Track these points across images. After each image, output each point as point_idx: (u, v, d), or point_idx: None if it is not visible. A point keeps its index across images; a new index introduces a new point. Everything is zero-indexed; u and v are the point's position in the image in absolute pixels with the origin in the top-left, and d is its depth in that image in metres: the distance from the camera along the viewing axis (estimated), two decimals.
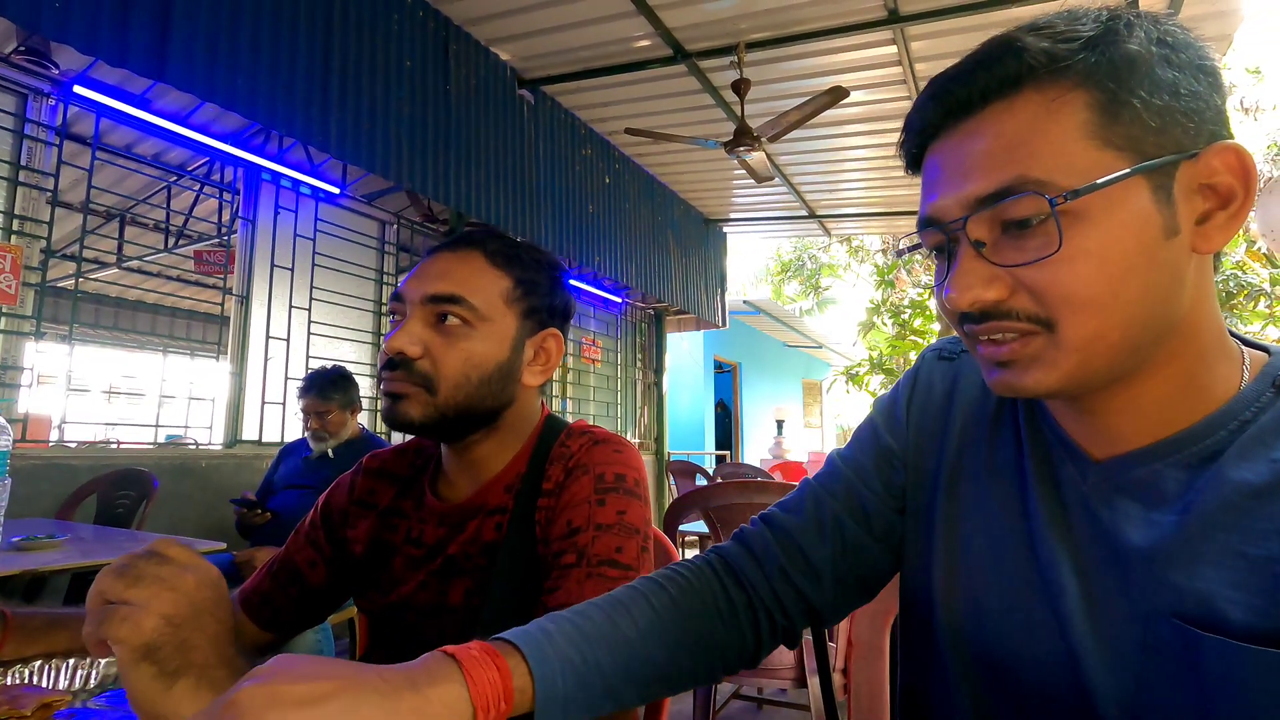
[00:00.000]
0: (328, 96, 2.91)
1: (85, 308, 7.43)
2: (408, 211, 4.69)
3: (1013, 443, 0.54)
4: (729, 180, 5.64)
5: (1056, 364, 0.43)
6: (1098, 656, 0.45)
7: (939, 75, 0.46)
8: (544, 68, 4.01)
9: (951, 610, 0.53)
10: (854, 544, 0.59)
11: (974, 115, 0.44)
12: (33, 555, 1.53)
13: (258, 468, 3.35)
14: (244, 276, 3.67)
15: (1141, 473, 0.45)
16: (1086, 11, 0.43)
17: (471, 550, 0.76)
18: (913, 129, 0.48)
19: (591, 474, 0.75)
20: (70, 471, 2.75)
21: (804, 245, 16.59)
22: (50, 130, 2.95)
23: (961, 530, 0.54)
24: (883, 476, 0.60)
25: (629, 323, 6.66)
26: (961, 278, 0.44)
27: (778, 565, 0.59)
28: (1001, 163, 0.42)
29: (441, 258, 0.78)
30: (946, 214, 0.45)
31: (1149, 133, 0.41)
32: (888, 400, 0.63)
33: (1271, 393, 0.44)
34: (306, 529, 0.87)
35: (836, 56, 3.84)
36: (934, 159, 0.46)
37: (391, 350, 0.73)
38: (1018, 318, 0.43)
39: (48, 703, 0.55)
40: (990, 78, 0.43)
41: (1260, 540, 0.40)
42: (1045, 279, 0.42)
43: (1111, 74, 0.41)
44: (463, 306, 0.74)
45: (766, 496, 1.91)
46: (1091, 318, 0.41)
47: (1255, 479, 0.41)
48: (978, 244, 0.44)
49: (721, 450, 9.73)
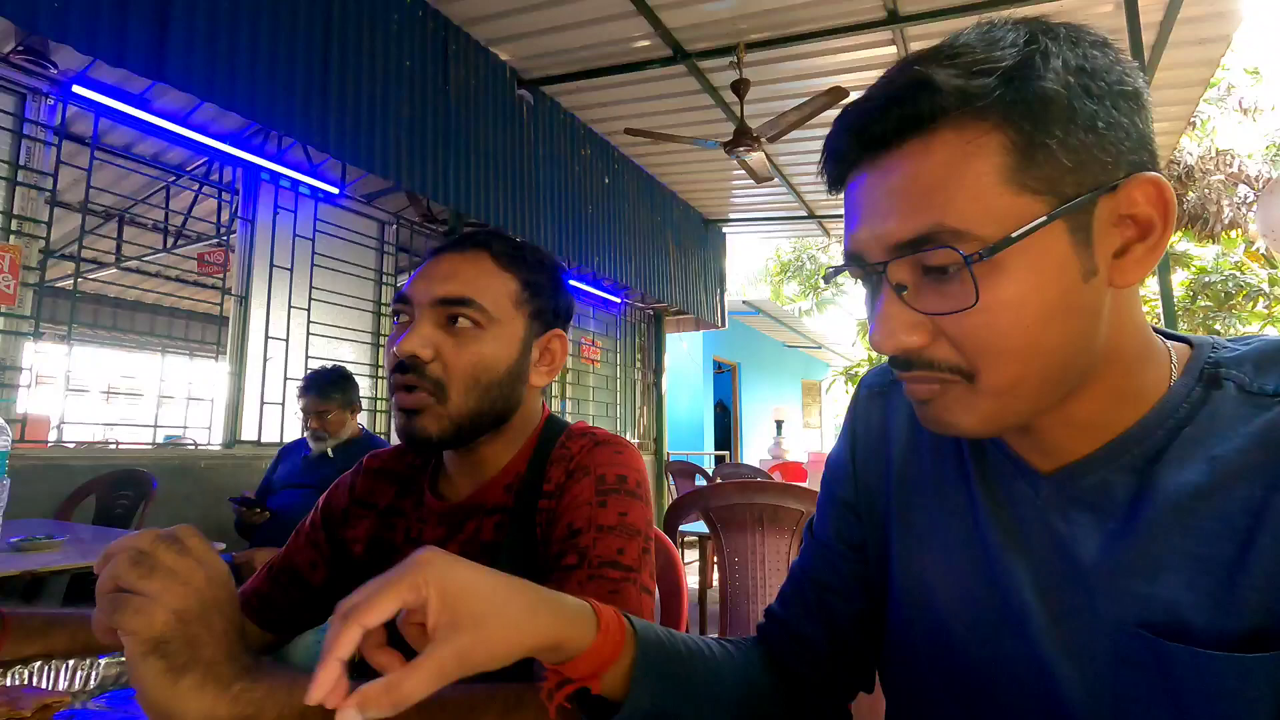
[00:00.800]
0: (327, 96, 2.90)
1: (84, 308, 7.42)
2: (407, 212, 4.69)
3: (956, 466, 0.53)
4: (728, 180, 5.64)
5: (975, 408, 0.43)
6: (1072, 675, 0.44)
7: (852, 105, 0.44)
8: (543, 68, 4.01)
9: (921, 644, 0.53)
10: (843, 615, 0.60)
11: (889, 152, 0.42)
12: (32, 556, 1.52)
13: (257, 468, 3.35)
14: (243, 277, 3.67)
15: (1091, 481, 0.45)
16: (1004, 34, 0.41)
17: (470, 550, 0.76)
18: (831, 158, 0.46)
19: (593, 476, 0.75)
20: (69, 472, 2.75)
21: (803, 245, 16.62)
22: (49, 130, 2.95)
23: (919, 563, 0.54)
24: (845, 535, 0.61)
25: (628, 323, 6.66)
26: (884, 323, 0.43)
27: (787, 649, 0.62)
28: (918, 208, 0.41)
29: (448, 259, 0.77)
30: (869, 252, 0.44)
31: (1066, 172, 0.40)
32: (835, 454, 0.64)
33: (1200, 388, 0.44)
34: (307, 530, 0.87)
35: (836, 57, 3.84)
36: (854, 187, 0.45)
37: (403, 353, 0.72)
38: (937, 367, 0.43)
39: (47, 704, 0.55)
40: (904, 115, 0.41)
41: (1210, 541, 0.40)
42: (963, 330, 0.41)
43: (1027, 115, 0.39)
44: (474, 309, 0.74)
45: (766, 496, 1.92)
46: (1010, 366, 0.41)
47: (1197, 478, 0.41)
48: (899, 287, 0.43)
49: (721, 451, 9.73)
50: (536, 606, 0.44)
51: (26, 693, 0.56)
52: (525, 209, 4.04)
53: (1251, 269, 8.39)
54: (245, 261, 3.68)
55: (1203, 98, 4.61)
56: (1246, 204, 10.58)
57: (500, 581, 0.43)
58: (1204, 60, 3.86)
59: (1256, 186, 10.52)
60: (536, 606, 0.44)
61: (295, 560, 0.85)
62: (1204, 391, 0.44)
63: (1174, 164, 10.30)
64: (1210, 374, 0.45)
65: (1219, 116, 12.20)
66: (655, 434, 6.76)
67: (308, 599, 0.84)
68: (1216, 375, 0.44)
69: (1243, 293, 8.23)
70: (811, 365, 14.12)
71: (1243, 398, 0.43)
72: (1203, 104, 7.62)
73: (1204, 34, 3.59)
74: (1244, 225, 10.12)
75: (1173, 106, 4.26)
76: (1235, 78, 12.32)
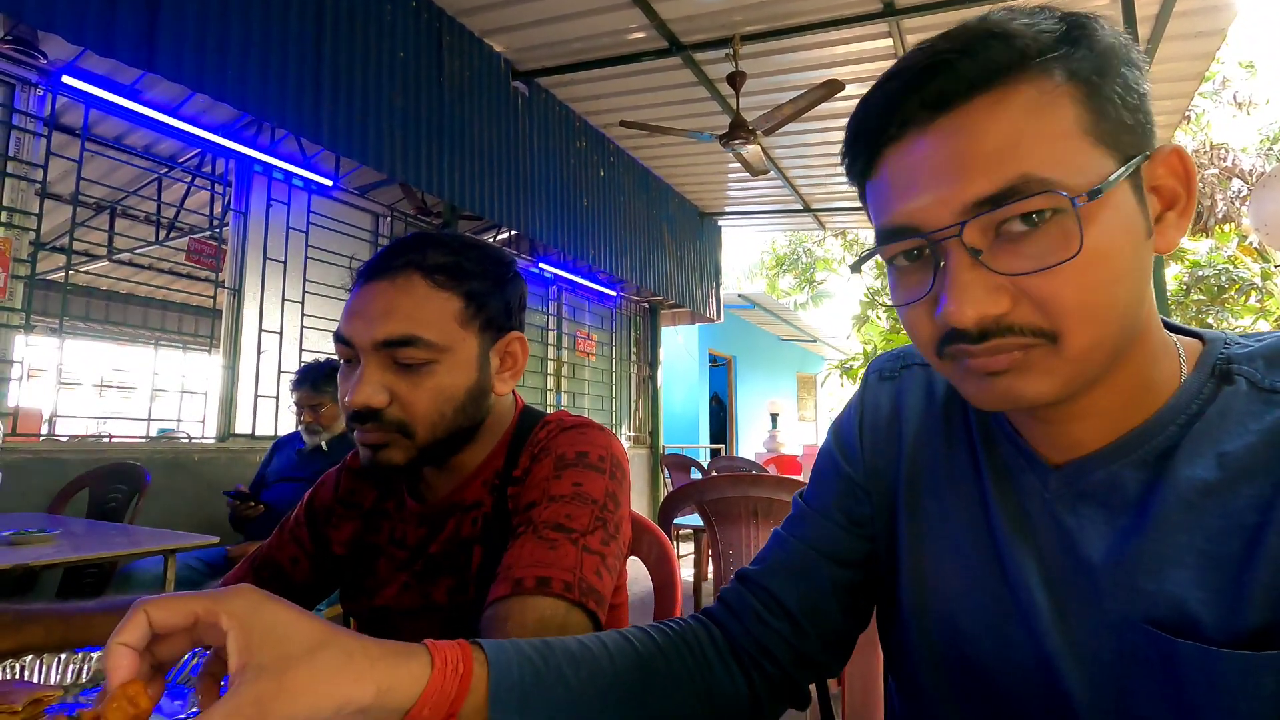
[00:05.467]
0: (320, 87, 2.88)
1: (75, 301, 7.36)
2: (401, 204, 4.66)
3: (968, 455, 0.53)
4: (724, 173, 5.62)
5: (1057, 372, 0.41)
6: (1076, 670, 0.44)
7: (904, 66, 0.42)
8: (538, 59, 3.99)
9: (927, 633, 0.52)
10: (826, 580, 0.57)
11: (952, 112, 0.40)
12: (25, 550, 1.52)
13: (251, 461, 3.34)
14: (236, 269, 3.65)
15: (1101, 476, 0.45)
16: (1043, 9, 0.42)
17: (451, 548, 0.76)
18: (869, 127, 0.43)
19: (553, 455, 0.74)
20: (61, 466, 2.73)
21: (799, 239, 16.60)
22: (39, 121, 2.92)
23: (927, 551, 0.53)
24: (845, 508, 0.59)
25: (623, 316, 6.65)
26: (964, 291, 0.40)
27: (751, 610, 0.57)
28: (1000, 161, 0.39)
29: (379, 291, 0.71)
30: (931, 219, 0.41)
31: (1124, 130, 0.40)
32: (840, 429, 0.62)
33: (1212, 384, 0.44)
34: (291, 525, 0.87)
35: (832, 49, 3.83)
36: (903, 160, 0.42)
37: (355, 405, 0.68)
38: (1020, 332, 0.40)
39: (38, 698, 0.55)
40: (976, 68, 0.39)
41: (1219, 538, 0.40)
42: (1053, 287, 0.39)
43: (1095, 67, 0.40)
44: (419, 346, 0.69)
45: (760, 490, 1.92)
46: (1094, 324, 0.40)
47: (1207, 475, 0.41)
48: (974, 251, 0.40)
49: (716, 444, 9.75)
50: (353, 653, 0.39)
51: (18, 687, 0.56)
52: (520, 202, 4.02)
53: (1244, 263, 8.44)
54: (238, 254, 3.66)
55: (1197, 91, 4.62)
56: (1240, 198, 10.62)
57: (316, 626, 0.39)
58: (1199, 54, 3.86)
59: (1250, 181, 10.56)
60: (353, 653, 0.39)
61: (277, 555, 0.86)
62: (1215, 387, 0.44)
63: None
64: (1222, 370, 0.44)
65: (1213, 110, 12.23)
66: (651, 427, 6.77)
67: (288, 592, 0.84)
68: (1229, 371, 0.44)
69: (1235, 286, 8.27)
70: (807, 359, 14.14)
71: (1254, 394, 0.43)
72: (1197, 98, 7.62)
73: (1199, 27, 3.59)
74: (1237, 219, 10.16)
75: (1168, 100, 4.26)
76: (1230, 71, 12.34)
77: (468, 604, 0.72)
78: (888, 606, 0.57)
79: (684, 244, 6.10)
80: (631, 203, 5.26)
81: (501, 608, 0.63)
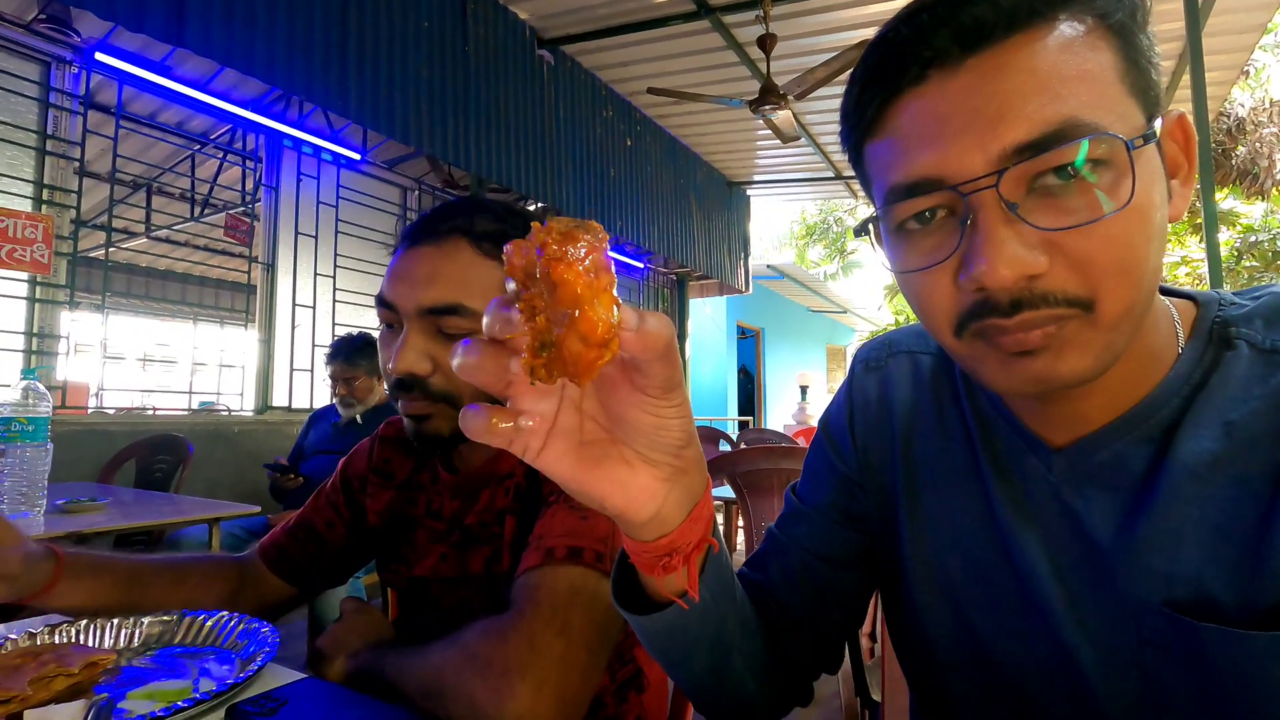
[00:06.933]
0: (345, 60, 2.87)
1: (116, 277, 7.57)
2: (428, 177, 4.66)
3: (964, 445, 0.50)
4: (753, 141, 5.51)
5: (1093, 345, 0.37)
6: (1095, 658, 0.42)
7: (930, 1, 0.38)
8: (563, 26, 3.92)
9: (941, 629, 0.50)
10: (824, 587, 0.55)
11: (990, 47, 0.36)
12: (77, 518, 1.57)
13: (288, 433, 3.42)
14: (269, 244, 3.70)
15: (1105, 455, 0.43)
16: None
17: (487, 518, 0.76)
18: (888, 69, 0.39)
19: None
20: (109, 437, 2.83)
21: (829, 207, 16.29)
22: (74, 99, 2.96)
23: (932, 545, 0.51)
24: (841, 505, 0.56)
25: (651, 288, 6.62)
26: (1002, 248, 0.36)
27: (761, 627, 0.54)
28: (1045, 102, 0.35)
29: (426, 255, 0.69)
30: (962, 169, 0.36)
31: (1150, 86, 0.38)
32: (830, 424, 0.59)
33: (1212, 350, 0.42)
34: (327, 492, 0.89)
35: (865, 8, 3.69)
36: (926, 105, 0.38)
37: (399, 371, 0.67)
38: (1054, 302, 0.36)
39: (94, 661, 0.56)
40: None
41: (1232, 510, 0.38)
42: (1092, 245, 0.36)
43: (1130, 15, 0.37)
44: (464, 316, 0.66)
45: (793, 461, 1.91)
46: (1130, 290, 0.37)
47: (1215, 446, 0.39)
48: (1011, 205, 0.36)
49: (744, 416, 9.73)
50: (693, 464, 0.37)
51: (75, 650, 0.58)
52: (546, 173, 3.99)
53: None
54: (271, 229, 3.71)
55: (1258, 44, 4.36)
56: None
57: None
58: (1262, 3, 3.64)
59: None
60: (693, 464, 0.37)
61: (314, 519, 0.88)
62: (1216, 353, 0.42)
63: (1224, 116, 9.82)
64: (1220, 334, 0.42)
65: (1275, 65, 11.55)
66: None
67: (322, 554, 0.86)
68: (1227, 335, 0.42)
69: None
70: (836, 330, 13.97)
71: (1255, 356, 0.41)
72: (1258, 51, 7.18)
73: (1240, 23, 3.38)
74: None
75: (1225, 55, 4.04)
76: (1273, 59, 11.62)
77: (503, 573, 0.73)
78: (894, 607, 0.55)
79: (712, 214, 6.02)
80: (659, 172, 5.20)
81: (533, 576, 0.63)
